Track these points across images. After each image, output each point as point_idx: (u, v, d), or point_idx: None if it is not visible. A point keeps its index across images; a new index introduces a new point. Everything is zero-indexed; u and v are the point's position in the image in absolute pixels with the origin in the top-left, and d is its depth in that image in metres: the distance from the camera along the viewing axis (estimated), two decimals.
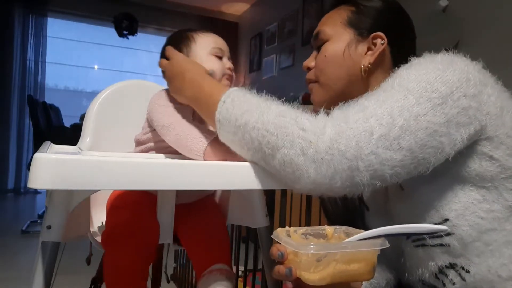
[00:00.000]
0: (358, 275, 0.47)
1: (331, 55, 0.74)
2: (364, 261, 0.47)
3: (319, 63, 0.77)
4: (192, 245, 0.86)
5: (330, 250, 0.46)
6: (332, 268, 0.45)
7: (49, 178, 0.49)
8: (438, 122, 0.53)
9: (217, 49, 0.90)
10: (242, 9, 5.42)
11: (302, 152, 0.52)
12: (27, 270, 0.91)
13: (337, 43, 0.74)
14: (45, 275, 0.62)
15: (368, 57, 0.72)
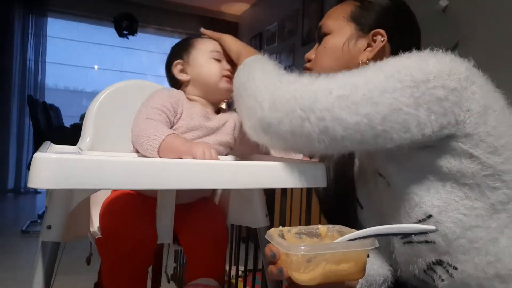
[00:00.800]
0: (348, 274, 0.48)
1: (330, 48, 0.76)
2: (354, 261, 0.48)
3: (318, 55, 0.79)
4: (189, 250, 0.86)
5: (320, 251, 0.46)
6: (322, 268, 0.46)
7: (49, 178, 0.49)
8: (405, 102, 0.54)
9: (216, 53, 0.93)
10: (242, 9, 5.42)
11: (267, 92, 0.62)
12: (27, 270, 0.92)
13: (338, 37, 0.75)
14: (45, 275, 0.62)
15: (367, 53, 0.73)
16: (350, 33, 0.74)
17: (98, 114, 0.98)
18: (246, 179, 0.62)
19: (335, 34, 0.76)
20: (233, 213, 0.95)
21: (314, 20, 3.60)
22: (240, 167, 0.62)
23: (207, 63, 0.92)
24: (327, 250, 0.46)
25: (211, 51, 0.93)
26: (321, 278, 0.46)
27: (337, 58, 0.75)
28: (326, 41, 0.77)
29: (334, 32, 0.76)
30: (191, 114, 0.87)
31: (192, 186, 0.59)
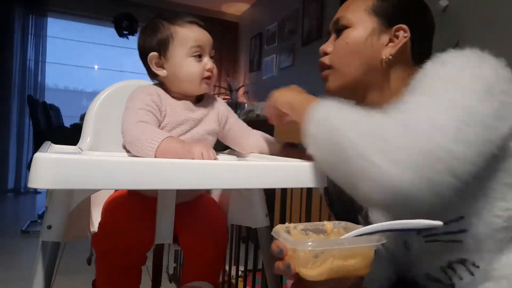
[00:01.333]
0: (355, 270, 0.48)
1: (352, 42, 0.73)
2: (361, 256, 0.48)
3: (339, 49, 0.75)
4: (188, 250, 0.87)
5: (327, 246, 0.47)
6: (329, 264, 0.46)
7: (49, 178, 0.49)
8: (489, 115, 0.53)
9: (196, 48, 0.83)
10: (242, 9, 5.42)
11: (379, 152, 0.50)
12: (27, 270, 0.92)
13: (359, 31, 0.72)
14: (45, 275, 0.62)
15: (389, 48, 0.71)
16: (372, 27, 0.72)
17: (98, 114, 0.98)
18: (246, 179, 0.62)
19: (356, 28, 0.73)
20: (233, 213, 0.95)
21: (314, 20, 3.60)
22: (240, 167, 0.62)
23: (185, 63, 0.83)
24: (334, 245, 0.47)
25: (192, 46, 0.83)
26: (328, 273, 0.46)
27: (359, 53, 0.72)
28: (347, 35, 0.73)
29: (355, 25, 0.73)
30: (175, 109, 0.83)
31: (192, 186, 0.59)
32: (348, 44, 0.73)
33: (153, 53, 0.84)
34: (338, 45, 0.75)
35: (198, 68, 0.84)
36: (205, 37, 0.85)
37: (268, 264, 0.91)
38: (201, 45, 0.84)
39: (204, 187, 0.61)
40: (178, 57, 0.83)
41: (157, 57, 0.84)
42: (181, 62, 0.83)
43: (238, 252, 1.57)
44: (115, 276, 0.78)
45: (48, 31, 4.73)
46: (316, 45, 3.53)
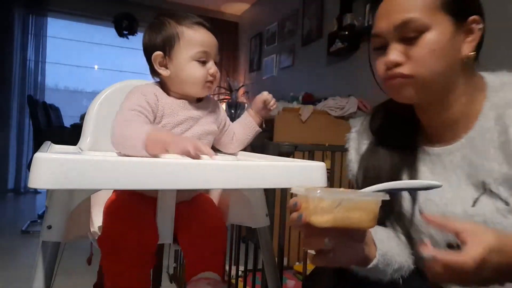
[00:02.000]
0: (359, 222, 0.52)
1: (437, 48, 0.64)
2: (365, 210, 0.52)
3: (422, 57, 0.64)
4: (187, 247, 0.86)
5: (334, 196, 0.51)
6: (335, 213, 0.50)
7: (49, 178, 0.49)
8: None
9: (201, 53, 0.83)
10: (242, 9, 5.42)
11: None
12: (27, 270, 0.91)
13: (439, 32, 0.64)
14: (45, 275, 0.62)
15: (468, 44, 0.66)
16: (450, 25, 0.64)
17: (98, 114, 0.98)
18: (246, 179, 0.62)
19: (434, 29, 0.63)
20: (233, 213, 0.95)
21: (314, 20, 3.60)
22: (240, 167, 0.62)
23: (188, 66, 0.83)
24: (341, 195, 0.51)
25: (197, 51, 0.82)
26: (334, 221, 0.50)
27: (444, 58, 0.64)
28: (429, 40, 0.63)
29: (431, 27, 0.63)
30: (174, 109, 0.83)
31: (192, 186, 0.59)
32: (435, 50, 0.64)
33: (158, 52, 0.84)
34: (419, 53, 0.64)
35: (201, 73, 0.83)
36: (212, 42, 0.85)
37: (268, 264, 0.91)
38: (207, 51, 0.84)
39: (204, 187, 0.61)
40: (182, 59, 0.83)
41: (161, 56, 0.84)
42: (184, 64, 0.83)
43: (238, 252, 1.57)
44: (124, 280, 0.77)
45: (48, 31, 4.73)
46: (316, 45, 3.53)
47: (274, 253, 0.92)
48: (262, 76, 4.67)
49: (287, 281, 1.91)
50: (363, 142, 0.83)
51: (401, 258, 0.71)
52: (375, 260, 0.64)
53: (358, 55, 2.97)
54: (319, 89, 3.32)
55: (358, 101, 2.64)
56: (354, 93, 2.79)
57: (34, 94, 4.50)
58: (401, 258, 0.71)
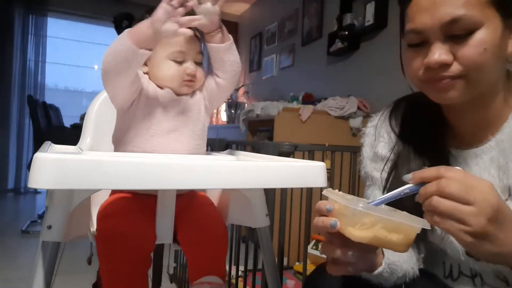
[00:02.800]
0: (395, 245, 0.50)
1: (490, 47, 0.59)
2: (404, 234, 0.50)
3: (474, 57, 0.59)
4: (189, 250, 0.86)
5: (378, 213, 0.49)
6: (376, 231, 0.48)
7: (49, 178, 0.49)
8: None
9: (177, 53, 0.83)
10: (242, 9, 5.42)
11: None
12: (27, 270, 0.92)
13: (491, 30, 0.59)
14: (45, 275, 0.62)
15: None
16: (499, 22, 0.60)
17: (98, 114, 0.98)
18: (246, 179, 0.62)
19: (486, 28, 0.59)
20: (233, 213, 0.95)
21: (314, 20, 3.60)
22: (240, 167, 0.62)
23: (163, 65, 0.83)
24: (384, 214, 0.49)
25: (172, 51, 0.82)
26: (372, 239, 0.49)
27: (495, 57, 0.60)
28: (482, 40, 0.58)
29: (481, 26, 0.59)
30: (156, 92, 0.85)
31: (192, 186, 0.59)
32: (487, 49, 0.59)
33: None
34: (472, 52, 0.59)
35: (177, 72, 0.84)
36: (189, 43, 0.84)
37: (268, 264, 0.91)
38: (184, 50, 0.84)
39: (204, 187, 0.61)
40: (158, 58, 0.83)
41: None
42: (159, 63, 0.84)
43: (238, 252, 1.57)
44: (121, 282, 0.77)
45: (48, 31, 4.73)
46: (316, 45, 3.53)
47: (274, 253, 0.92)
48: (262, 76, 4.67)
49: (287, 281, 1.91)
50: (380, 140, 0.79)
51: (408, 265, 0.70)
52: (381, 268, 0.63)
53: (358, 55, 2.97)
54: (319, 89, 3.32)
55: (358, 101, 2.64)
56: (354, 93, 2.79)
57: (34, 94, 4.50)
58: (408, 265, 0.70)
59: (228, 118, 4.52)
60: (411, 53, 0.66)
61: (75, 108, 4.54)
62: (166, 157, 0.80)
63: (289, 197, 1.98)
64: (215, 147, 1.65)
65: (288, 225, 1.40)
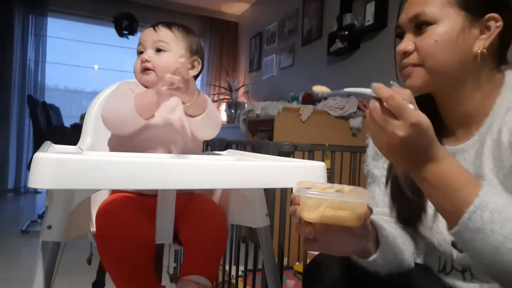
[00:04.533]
0: (344, 221, 0.57)
1: (443, 40, 0.67)
2: (350, 210, 0.57)
3: (428, 48, 0.68)
4: (188, 245, 0.87)
5: (321, 196, 0.56)
6: (322, 211, 0.56)
7: (49, 178, 0.49)
8: None
9: (139, 46, 0.94)
10: (242, 9, 5.42)
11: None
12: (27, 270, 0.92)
13: (447, 27, 0.67)
14: (45, 275, 0.62)
15: (482, 41, 0.67)
16: (462, 21, 0.67)
17: (98, 114, 0.98)
18: (246, 179, 0.62)
19: (443, 24, 0.67)
20: (233, 213, 0.95)
21: (314, 20, 3.60)
22: (240, 167, 0.62)
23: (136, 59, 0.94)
24: (327, 196, 0.56)
25: (138, 44, 0.94)
26: (321, 218, 0.56)
27: (452, 51, 0.67)
28: (435, 33, 0.67)
29: (440, 21, 0.67)
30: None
31: (192, 186, 0.59)
32: (438, 42, 0.67)
33: None
34: (424, 43, 0.69)
35: (137, 63, 0.93)
36: (146, 34, 0.94)
37: (268, 264, 0.91)
38: (141, 43, 0.93)
39: (204, 187, 0.61)
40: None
41: None
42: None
43: (238, 252, 1.57)
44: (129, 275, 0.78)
45: (48, 31, 4.73)
46: (316, 45, 3.54)
47: (274, 253, 0.92)
48: (262, 76, 4.67)
49: (287, 281, 1.91)
50: None
51: (403, 257, 0.73)
52: (375, 255, 0.67)
53: (358, 55, 2.97)
54: None
55: (358, 101, 2.64)
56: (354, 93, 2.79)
57: (34, 94, 4.50)
58: (403, 257, 0.73)
59: (228, 118, 4.52)
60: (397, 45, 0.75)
61: (75, 108, 4.54)
62: (166, 157, 0.80)
63: (289, 197, 1.98)
64: (215, 147, 1.65)
65: (288, 225, 1.40)
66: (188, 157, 0.73)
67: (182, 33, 0.95)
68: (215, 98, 5.09)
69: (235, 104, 4.51)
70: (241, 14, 5.54)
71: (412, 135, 0.53)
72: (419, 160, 0.56)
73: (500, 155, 0.64)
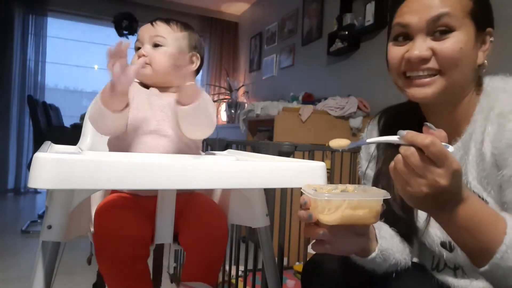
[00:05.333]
0: (363, 219, 0.58)
1: (467, 48, 0.67)
2: (368, 208, 0.57)
3: (453, 55, 0.66)
4: (188, 248, 0.87)
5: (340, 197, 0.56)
6: (341, 212, 0.56)
7: (49, 178, 0.49)
8: None
9: (137, 42, 0.94)
10: (242, 9, 5.42)
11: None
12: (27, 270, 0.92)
13: (468, 35, 0.67)
14: (45, 275, 0.62)
15: (482, 53, 0.70)
16: (473, 32, 0.68)
17: None
18: (246, 179, 0.62)
19: (463, 32, 0.67)
20: (233, 213, 0.95)
21: (314, 20, 3.60)
22: (240, 167, 0.62)
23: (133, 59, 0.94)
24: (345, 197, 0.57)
25: (136, 40, 0.94)
26: (341, 219, 0.56)
27: (470, 61, 0.68)
28: (459, 39, 0.66)
29: (460, 28, 0.66)
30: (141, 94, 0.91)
31: (192, 186, 0.59)
32: (463, 49, 0.66)
33: None
34: (449, 49, 0.66)
35: (134, 59, 0.93)
36: (143, 30, 0.93)
37: (268, 264, 0.91)
38: (139, 39, 0.93)
39: (204, 187, 0.61)
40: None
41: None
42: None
43: (238, 252, 1.57)
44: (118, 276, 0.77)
45: (48, 31, 4.73)
46: (316, 45, 3.53)
47: (274, 253, 0.92)
48: (262, 76, 4.67)
49: (287, 281, 1.91)
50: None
51: (400, 256, 0.75)
52: (374, 253, 0.69)
53: (358, 55, 2.97)
54: (319, 89, 3.32)
55: (358, 100, 2.64)
56: (354, 93, 2.79)
57: (34, 94, 4.50)
58: (400, 256, 0.75)
59: (228, 118, 4.52)
60: (394, 47, 0.72)
61: (75, 108, 4.54)
62: (166, 157, 0.80)
63: (289, 197, 1.98)
64: (215, 147, 1.65)
65: (288, 225, 1.40)
66: (188, 157, 0.73)
67: (180, 28, 0.95)
68: (215, 98, 5.09)
69: (235, 104, 4.51)
70: (241, 14, 5.54)
71: (453, 183, 0.51)
72: (449, 204, 0.54)
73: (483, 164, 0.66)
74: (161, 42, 0.91)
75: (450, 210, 0.54)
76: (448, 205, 0.54)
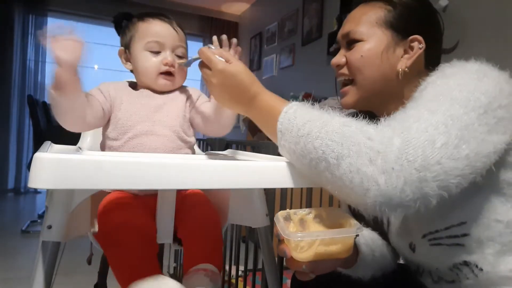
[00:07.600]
0: (337, 254, 0.59)
1: (368, 56, 0.72)
2: (341, 243, 0.59)
3: (355, 62, 0.74)
4: (187, 240, 0.85)
5: (312, 237, 0.58)
6: (314, 249, 0.57)
7: (49, 178, 0.49)
8: (484, 131, 0.54)
9: (153, 43, 0.86)
10: (242, 9, 5.42)
11: (370, 162, 0.51)
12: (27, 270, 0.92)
13: (374, 44, 0.72)
14: (45, 275, 0.62)
15: (405, 60, 0.72)
16: (387, 40, 0.72)
17: None
18: (246, 179, 0.62)
19: (369, 42, 0.72)
20: (233, 213, 0.95)
21: (314, 20, 3.60)
22: (240, 167, 0.62)
23: (141, 57, 0.86)
24: (318, 236, 0.58)
25: (148, 41, 0.86)
26: (314, 256, 0.58)
27: (376, 67, 0.72)
28: (361, 49, 0.73)
29: (367, 39, 0.73)
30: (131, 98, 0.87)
31: (192, 186, 0.59)
32: (363, 58, 0.72)
33: (120, 48, 0.90)
34: (352, 58, 0.74)
35: (153, 63, 0.86)
36: (166, 32, 0.87)
37: (268, 264, 0.91)
38: (160, 40, 0.86)
39: (203, 187, 0.61)
40: (136, 51, 0.87)
41: (123, 51, 0.90)
42: (137, 56, 0.86)
43: (238, 252, 1.57)
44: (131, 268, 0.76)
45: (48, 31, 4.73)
46: (316, 45, 3.54)
47: (274, 253, 0.92)
48: (262, 76, 4.67)
49: (287, 281, 1.91)
50: None
51: (384, 259, 0.77)
52: (356, 263, 0.72)
53: None
54: (319, 89, 3.32)
55: None
56: None
57: (34, 94, 4.50)
58: (384, 259, 0.77)
59: None
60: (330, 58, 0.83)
61: None
62: (166, 157, 0.80)
63: (289, 197, 1.98)
64: (215, 147, 1.65)
65: None
66: (188, 157, 0.73)
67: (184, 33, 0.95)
68: None
69: None
70: (241, 14, 5.54)
71: (223, 80, 0.66)
72: (242, 100, 0.67)
73: None
74: (183, 54, 0.90)
75: (246, 105, 0.67)
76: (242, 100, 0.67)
